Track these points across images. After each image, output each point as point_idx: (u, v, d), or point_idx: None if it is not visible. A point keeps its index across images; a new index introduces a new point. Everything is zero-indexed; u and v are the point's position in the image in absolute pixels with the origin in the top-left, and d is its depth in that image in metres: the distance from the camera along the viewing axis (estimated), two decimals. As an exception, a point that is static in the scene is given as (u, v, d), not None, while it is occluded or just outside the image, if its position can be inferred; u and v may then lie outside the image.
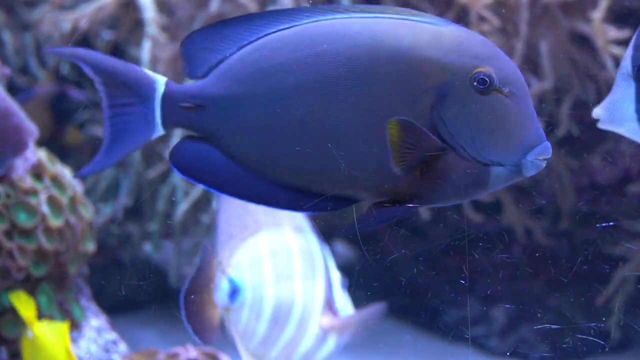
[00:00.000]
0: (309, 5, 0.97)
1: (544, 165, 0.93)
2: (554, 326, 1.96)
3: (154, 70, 1.94)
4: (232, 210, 1.50)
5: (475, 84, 0.91)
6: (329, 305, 1.49)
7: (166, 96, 0.97)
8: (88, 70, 0.98)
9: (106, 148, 0.98)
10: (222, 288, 1.41)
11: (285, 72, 0.95)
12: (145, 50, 1.94)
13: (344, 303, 1.51)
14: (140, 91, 0.97)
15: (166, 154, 2.01)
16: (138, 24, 2.02)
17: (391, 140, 0.91)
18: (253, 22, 0.98)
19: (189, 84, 0.98)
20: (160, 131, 0.98)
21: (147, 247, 2.01)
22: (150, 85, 0.97)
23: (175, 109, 0.97)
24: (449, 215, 1.93)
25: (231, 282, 1.42)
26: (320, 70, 0.93)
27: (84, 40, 2.11)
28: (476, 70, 0.91)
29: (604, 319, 1.90)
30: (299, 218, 1.52)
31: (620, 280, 1.88)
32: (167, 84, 0.98)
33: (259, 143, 0.96)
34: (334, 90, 0.93)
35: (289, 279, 1.47)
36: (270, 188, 0.97)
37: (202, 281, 1.42)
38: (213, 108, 0.97)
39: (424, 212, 1.91)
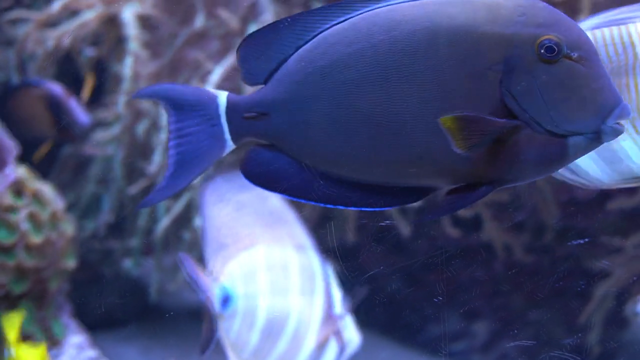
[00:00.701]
0: None
1: (624, 129, 0.90)
2: (531, 342, 1.96)
3: (135, 86, 1.95)
4: (222, 219, 1.50)
5: (542, 52, 0.88)
6: (332, 323, 1.49)
7: (229, 109, 0.95)
8: (160, 101, 0.96)
9: (173, 172, 0.95)
10: (213, 295, 1.42)
11: (343, 68, 0.92)
12: (127, 66, 1.94)
13: (346, 321, 1.51)
14: (204, 109, 0.95)
15: (147, 170, 2.01)
16: (120, 41, 2.03)
17: (450, 133, 0.88)
18: (308, 20, 0.95)
19: (251, 93, 0.96)
20: (231, 146, 0.96)
21: (128, 263, 2.01)
22: (212, 101, 0.95)
23: (240, 120, 0.95)
24: (429, 230, 1.93)
25: (223, 289, 1.42)
26: (378, 61, 0.91)
27: (67, 57, 2.12)
28: (541, 39, 0.88)
29: (583, 334, 1.91)
30: (301, 236, 1.52)
31: (600, 296, 1.89)
32: (228, 97, 0.95)
33: (328, 143, 0.93)
34: (395, 80, 0.90)
35: (285, 293, 1.47)
36: (345, 188, 0.95)
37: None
38: (277, 114, 0.95)
39: (404, 228, 1.91)
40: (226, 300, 1.43)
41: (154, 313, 2.07)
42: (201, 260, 1.54)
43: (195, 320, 2.00)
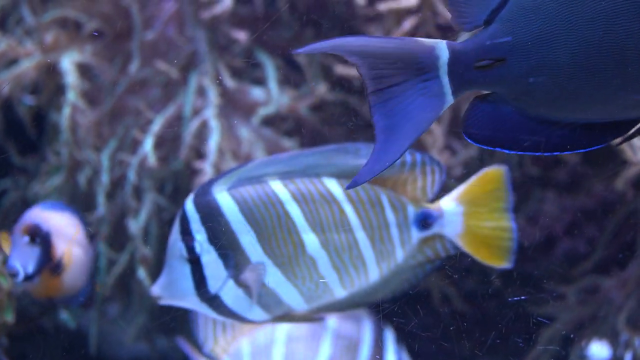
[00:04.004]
0: None
1: None
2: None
3: (74, 136, 1.92)
4: None
5: None
6: None
7: (454, 61, 0.84)
8: (351, 58, 0.85)
9: (383, 141, 0.85)
10: None
11: None
12: (65, 116, 1.91)
13: None
14: (416, 63, 0.84)
15: (89, 218, 1.97)
16: (60, 89, 2.00)
17: None
18: None
19: (474, 38, 0.85)
20: (450, 102, 0.85)
21: (64, 316, 1.97)
22: (430, 54, 0.84)
23: (468, 71, 0.84)
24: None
25: None
26: None
27: (8, 106, 2.08)
28: None
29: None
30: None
31: (545, 341, 1.88)
32: (449, 46, 0.84)
33: (574, 85, 0.83)
34: None
35: None
36: (575, 132, 0.85)
37: None
38: (518, 58, 0.84)
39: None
40: None
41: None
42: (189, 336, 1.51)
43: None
